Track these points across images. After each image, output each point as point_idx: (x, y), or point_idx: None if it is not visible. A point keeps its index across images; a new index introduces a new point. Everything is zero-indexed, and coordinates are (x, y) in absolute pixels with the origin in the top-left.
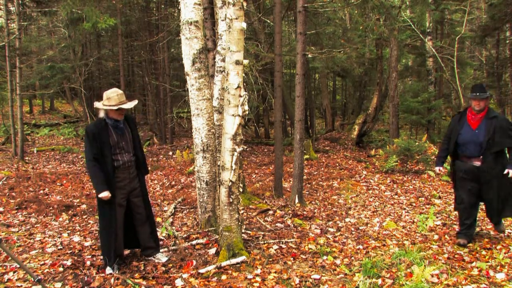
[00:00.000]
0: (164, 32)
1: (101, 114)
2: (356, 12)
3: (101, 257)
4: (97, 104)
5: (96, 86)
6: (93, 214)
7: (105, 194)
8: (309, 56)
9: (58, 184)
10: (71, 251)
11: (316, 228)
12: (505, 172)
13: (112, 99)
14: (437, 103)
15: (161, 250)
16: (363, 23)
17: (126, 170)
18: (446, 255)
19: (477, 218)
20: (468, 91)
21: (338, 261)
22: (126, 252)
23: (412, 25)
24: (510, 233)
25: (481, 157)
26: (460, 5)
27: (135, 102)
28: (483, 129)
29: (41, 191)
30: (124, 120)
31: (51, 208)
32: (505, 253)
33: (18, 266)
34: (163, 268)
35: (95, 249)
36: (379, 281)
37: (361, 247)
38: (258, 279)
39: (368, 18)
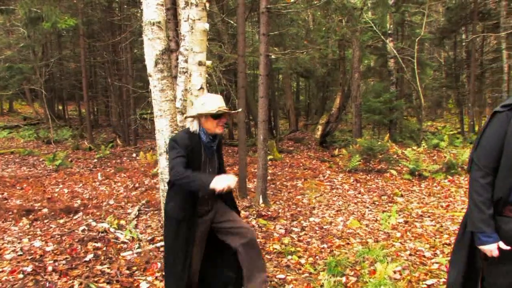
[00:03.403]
0: (127, 32)
1: (193, 127)
2: (319, 13)
3: (64, 261)
4: (190, 112)
5: (58, 88)
6: (55, 218)
7: (222, 179)
8: (272, 57)
9: (18, 188)
10: (31, 256)
11: (280, 228)
12: None
13: (207, 104)
14: (399, 103)
15: (125, 254)
16: (326, 24)
17: (205, 202)
18: (408, 252)
19: (437, 215)
20: (428, 92)
21: (303, 261)
22: (91, 256)
23: (374, 27)
24: None
25: None
26: (419, 8)
27: (239, 110)
28: None
29: (0, 196)
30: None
31: (10, 213)
32: None
33: None
34: (128, 272)
35: (57, 254)
36: (344, 279)
37: (325, 246)
38: None
39: (331, 19)
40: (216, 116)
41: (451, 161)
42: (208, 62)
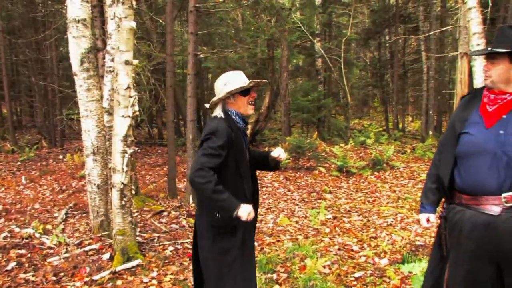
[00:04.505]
0: (51, 29)
1: (217, 112)
2: (248, 13)
3: None
4: (214, 99)
5: None
6: None
7: (249, 208)
8: (201, 56)
9: None
10: None
11: None
12: None
13: (232, 81)
14: (326, 101)
15: (51, 259)
16: (255, 24)
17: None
18: (336, 247)
19: (364, 209)
20: (355, 90)
21: None
22: (13, 264)
23: (302, 27)
24: (393, 221)
25: (505, 195)
26: (346, 9)
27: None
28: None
29: None
30: None
31: None
32: (388, 240)
33: None
34: (54, 278)
35: None
36: (275, 276)
37: (256, 244)
38: (154, 282)
39: (260, 19)
40: (245, 91)
41: (377, 158)
42: (135, 61)
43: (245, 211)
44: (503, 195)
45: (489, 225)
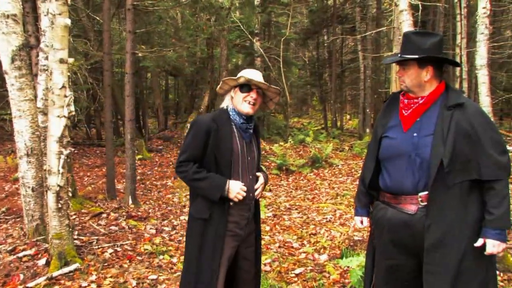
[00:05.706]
0: None
1: (225, 102)
2: (187, 11)
3: None
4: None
5: None
6: None
7: (239, 185)
8: (139, 55)
9: None
10: None
11: (151, 228)
12: (478, 242)
13: (239, 75)
14: None
15: None
16: (194, 22)
17: (246, 206)
18: (277, 244)
19: (304, 207)
20: (294, 89)
21: (175, 260)
22: None
23: (241, 26)
24: (332, 218)
25: (420, 195)
26: (285, 9)
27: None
28: (427, 130)
29: None
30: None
31: None
32: (327, 236)
33: None
34: None
35: None
36: None
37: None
38: (93, 285)
39: (199, 18)
40: (245, 88)
41: (316, 155)
42: (71, 60)
43: (233, 190)
44: (419, 194)
45: (407, 223)
